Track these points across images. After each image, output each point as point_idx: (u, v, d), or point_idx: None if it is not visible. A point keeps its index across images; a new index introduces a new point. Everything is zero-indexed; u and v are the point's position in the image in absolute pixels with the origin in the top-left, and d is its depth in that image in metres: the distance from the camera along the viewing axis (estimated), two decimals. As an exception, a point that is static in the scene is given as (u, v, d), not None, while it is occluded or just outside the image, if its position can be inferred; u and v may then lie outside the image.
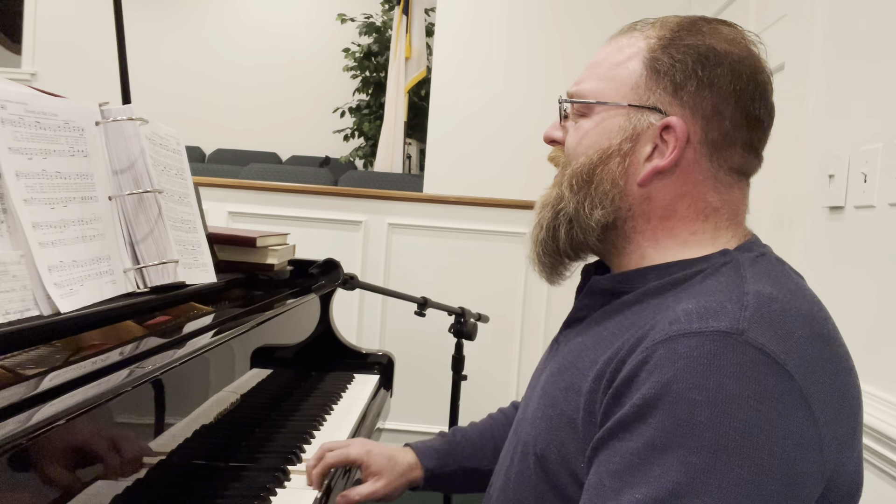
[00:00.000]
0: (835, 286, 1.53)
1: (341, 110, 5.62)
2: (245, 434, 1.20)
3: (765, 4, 2.17)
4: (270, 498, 0.99)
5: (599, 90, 0.80)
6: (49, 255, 0.88)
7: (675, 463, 0.61)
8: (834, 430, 0.66)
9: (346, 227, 3.02)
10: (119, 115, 1.08)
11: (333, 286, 1.74)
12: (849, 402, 0.69)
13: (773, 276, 0.72)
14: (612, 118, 0.78)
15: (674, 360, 0.64)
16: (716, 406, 0.61)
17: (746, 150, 0.78)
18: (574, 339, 0.83)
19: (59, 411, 0.67)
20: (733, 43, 0.77)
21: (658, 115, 0.76)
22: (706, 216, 0.78)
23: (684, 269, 0.75)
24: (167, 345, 0.94)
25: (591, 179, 0.78)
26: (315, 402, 1.48)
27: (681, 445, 0.62)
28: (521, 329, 2.98)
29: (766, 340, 0.64)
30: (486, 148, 3.08)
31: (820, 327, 0.70)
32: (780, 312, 0.67)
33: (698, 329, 0.65)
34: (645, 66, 0.77)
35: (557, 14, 3.10)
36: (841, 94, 1.59)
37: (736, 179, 0.79)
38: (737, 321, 0.65)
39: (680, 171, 0.76)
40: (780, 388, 0.63)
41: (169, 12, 6.41)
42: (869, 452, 1.30)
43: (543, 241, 0.83)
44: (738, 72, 0.75)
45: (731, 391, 0.62)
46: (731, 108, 0.75)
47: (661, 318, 0.69)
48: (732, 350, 0.63)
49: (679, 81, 0.75)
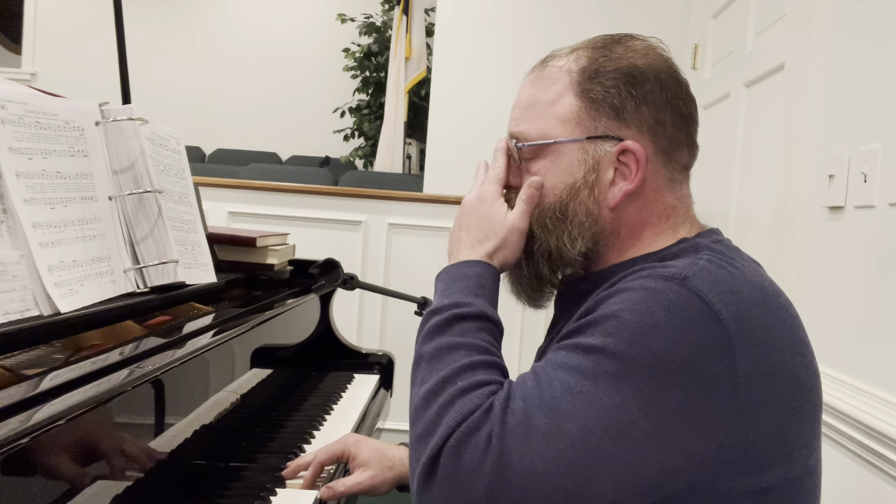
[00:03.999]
0: (835, 286, 1.53)
1: (341, 110, 5.62)
2: (245, 434, 1.20)
3: (765, 4, 2.16)
4: (270, 498, 0.99)
5: (545, 131, 0.84)
6: (49, 255, 0.88)
7: (589, 361, 0.69)
8: (758, 392, 0.69)
9: (346, 227, 3.02)
10: (119, 115, 1.08)
11: (333, 286, 1.74)
12: (792, 374, 0.72)
13: (727, 257, 0.77)
14: (568, 154, 0.82)
15: (619, 293, 0.72)
16: (639, 328, 0.68)
17: (689, 146, 0.85)
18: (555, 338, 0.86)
19: (59, 411, 0.67)
20: (648, 54, 0.83)
21: (611, 141, 0.81)
22: (667, 216, 0.84)
23: (648, 259, 0.81)
24: (167, 345, 0.94)
25: (566, 215, 0.83)
26: (315, 402, 1.48)
27: (598, 349, 0.69)
28: (521, 329, 2.98)
29: (707, 290, 0.69)
30: (487, 148, 3.05)
31: (769, 297, 0.74)
32: (728, 277, 0.72)
33: (647, 274, 0.72)
34: (580, 98, 0.82)
35: (557, 14, 3.10)
36: (841, 94, 1.59)
37: (685, 176, 0.86)
38: (684, 270, 0.71)
39: (644, 185, 0.82)
40: (706, 330, 0.67)
41: (169, 12, 6.42)
42: (868, 452, 1.30)
43: (527, 280, 0.89)
44: (662, 81, 0.81)
45: (657, 319, 0.68)
46: (669, 115, 0.81)
47: (624, 278, 0.76)
48: (671, 289, 0.69)
49: (618, 105, 0.80)
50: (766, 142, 2.03)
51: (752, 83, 2.18)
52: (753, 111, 2.18)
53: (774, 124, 1.95)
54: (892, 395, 1.28)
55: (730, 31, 2.49)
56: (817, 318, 1.57)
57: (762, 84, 2.11)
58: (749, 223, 2.13)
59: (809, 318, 1.57)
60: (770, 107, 2.02)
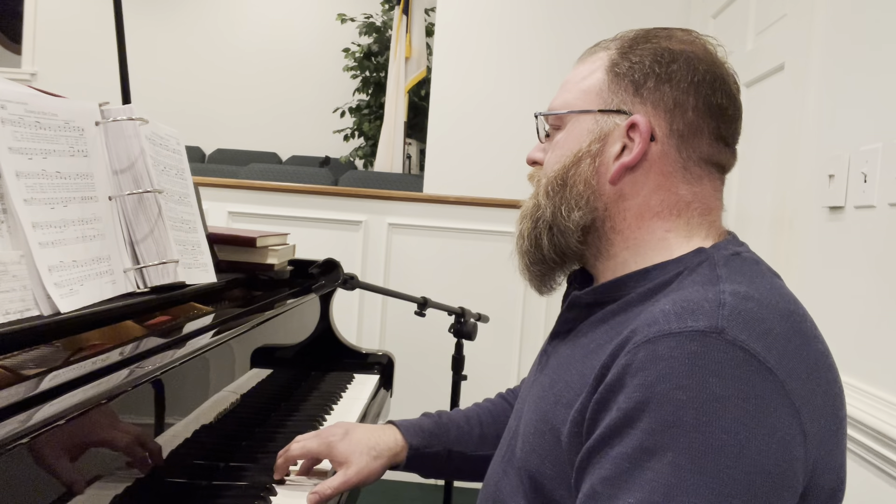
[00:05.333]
0: (835, 286, 1.53)
1: (341, 110, 5.62)
2: (245, 434, 1.20)
3: (765, 4, 2.17)
4: (270, 498, 0.99)
5: (568, 102, 0.84)
6: (49, 255, 0.88)
7: (665, 465, 0.62)
8: (816, 426, 0.66)
9: (346, 227, 3.02)
10: (119, 115, 1.08)
11: (333, 286, 1.74)
12: (831, 398, 0.70)
13: (747, 275, 0.73)
14: (581, 124, 0.82)
15: (655, 361, 0.64)
16: (701, 406, 0.62)
17: (714, 139, 0.80)
18: (563, 351, 0.83)
19: (59, 411, 0.67)
20: (687, 43, 0.80)
21: (623, 116, 0.79)
22: (679, 211, 0.79)
23: (663, 273, 0.76)
24: (167, 345, 0.94)
25: (566, 182, 0.81)
26: (315, 402, 1.48)
27: (669, 448, 0.62)
28: (521, 329, 2.98)
29: (746, 337, 0.64)
30: (487, 148, 3.07)
31: (798, 324, 0.70)
32: (758, 310, 0.67)
33: (678, 329, 0.65)
34: (606, 72, 0.81)
35: (557, 14, 3.10)
36: (841, 94, 1.59)
37: (706, 171, 0.80)
38: (715, 319, 0.65)
39: (649, 165, 0.78)
40: (763, 384, 0.63)
41: (169, 12, 6.42)
42: (868, 452, 1.30)
43: (528, 251, 0.86)
44: (693, 65, 0.78)
45: (715, 390, 0.62)
46: (693, 99, 0.78)
47: (641, 322, 0.69)
48: (713, 349, 0.64)
49: (638, 80, 0.79)
50: (766, 142, 2.03)
51: (752, 83, 2.18)
52: (753, 111, 2.18)
53: (774, 124, 1.95)
54: (893, 396, 1.28)
55: (730, 31, 2.49)
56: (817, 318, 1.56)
57: (762, 84, 2.11)
58: (749, 223, 2.13)
59: (809, 318, 1.58)
60: (770, 107, 2.02)
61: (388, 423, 1.07)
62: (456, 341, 1.98)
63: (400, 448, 1.03)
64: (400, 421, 1.07)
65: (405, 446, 1.03)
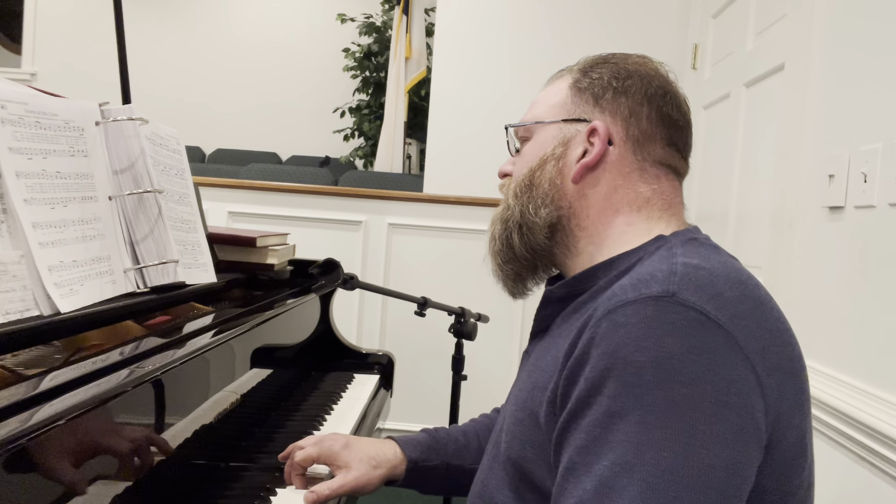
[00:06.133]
0: (835, 286, 1.53)
1: (341, 110, 5.62)
2: (245, 434, 1.20)
3: (765, 4, 2.17)
4: (270, 498, 0.99)
5: (536, 116, 0.92)
6: (49, 255, 0.88)
7: (633, 424, 0.65)
8: (773, 379, 0.69)
9: (346, 227, 3.02)
10: (119, 115, 1.08)
11: (333, 286, 1.74)
12: (787, 358, 0.73)
13: (702, 254, 0.77)
14: (547, 132, 0.90)
15: (615, 329, 0.69)
16: (659, 364, 0.66)
17: (667, 145, 0.86)
18: (540, 346, 0.88)
19: (59, 411, 0.67)
20: (642, 64, 0.89)
21: (585, 123, 0.87)
22: (639, 207, 0.85)
23: (627, 260, 0.80)
24: (167, 345, 0.94)
25: (532, 183, 0.88)
26: (315, 402, 1.48)
27: (635, 408, 0.66)
28: (521, 329, 2.98)
29: (697, 299, 0.69)
30: (487, 148, 3.07)
31: (750, 290, 0.74)
32: (708, 277, 0.72)
33: (633, 298, 0.70)
34: (570, 88, 0.90)
35: (557, 14, 3.10)
36: (841, 94, 1.59)
37: (663, 172, 0.87)
38: (667, 285, 0.70)
39: (608, 166, 0.85)
40: (717, 340, 0.67)
41: (169, 12, 6.41)
42: (868, 452, 1.30)
43: (500, 252, 0.92)
44: (647, 81, 0.87)
45: (671, 348, 0.66)
46: (646, 109, 0.86)
47: (601, 298, 0.74)
48: (667, 311, 0.68)
49: (598, 93, 0.87)
50: (766, 142, 2.03)
51: (752, 83, 2.18)
52: (753, 111, 2.18)
53: (774, 124, 1.95)
54: (892, 395, 1.28)
55: (730, 31, 2.49)
56: (817, 318, 1.57)
57: (762, 84, 2.11)
58: (749, 223, 2.13)
59: (809, 318, 1.58)
60: (770, 107, 2.02)
61: (387, 437, 1.08)
62: (456, 341, 1.98)
63: (399, 461, 1.05)
64: (399, 436, 1.09)
65: (404, 459, 1.05)
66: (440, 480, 1.07)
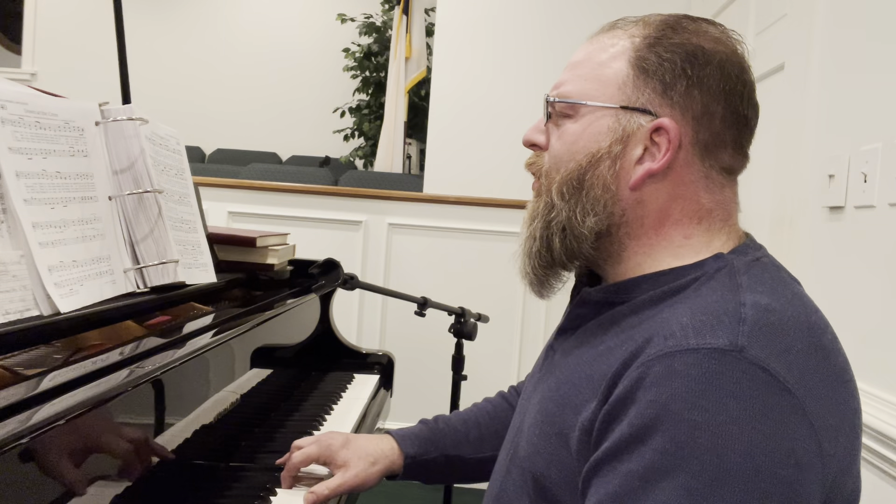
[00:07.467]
0: (835, 286, 1.53)
1: (341, 110, 5.62)
2: (245, 434, 1.20)
3: (765, 4, 2.17)
4: (270, 498, 0.99)
5: (584, 91, 0.77)
6: (49, 255, 0.88)
7: (677, 487, 0.60)
8: (834, 445, 0.65)
9: (346, 227, 3.02)
10: (119, 115, 1.08)
11: (333, 286, 1.74)
12: (849, 416, 0.68)
13: (768, 284, 0.70)
14: (601, 120, 0.75)
15: (671, 378, 0.62)
16: (717, 428, 0.60)
17: (736, 150, 0.77)
18: (569, 349, 0.81)
19: (59, 411, 0.67)
20: (720, 42, 0.75)
21: (648, 116, 0.74)
22: (700, 219, 0.76)
23: (678, 277, 0.73)
24: (167, 345, 0.94)
25: (582, 185, 0.76)
26: (315, 402, 1.48)
27: (682, 469, 0.60)
28: (521, 329, 2.98)
29: (766, 356, 0.62)
30: (487, 148, 3.07)
31: (818, 338, 0.68)
32: (778, 324, 0.65)
33: (696, 346, 0.63)
34: (631, 65, 0.75)
35: (557, 14, 3.10)
36: (841, 94, 1.59)
37: (727, 179, 0.78)
38: (735, 336, 0.63)
39: (672, 174, 0.74)
40: (782, 406, 0.61)
41: (169, 12, 6.42)
42: (869, 452, 1.30)
43: (538, 253, 0.80)
44: (726, 71, 0.74)
45: (732, 412, 0.60)
46: (721, 108, 0.74)
47: (656, 331, 0.67)
48: (732, 368, 0.61)
49: (668, 81, 0.73)
50: (766, 142, 2.03)
51: (752, 83, 2.18)
52: (753, 111, 2.17)
53: (774, 124, 1.95)
54: (894, 396, 1.28)
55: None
56: (817, 318, 1.57)
57: (762, 84, 2.11)
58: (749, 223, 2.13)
59: (809, 318, 1.57)
60: (770, 107, 2.01)
61: (385, 433, 1.08)
62: (456, 341, 1.98)
63: (396, 456, 1.04)
64: (396, 431, 1.08)
65: (401, 454, 1.05)
66: (440, 471, 1.07)
